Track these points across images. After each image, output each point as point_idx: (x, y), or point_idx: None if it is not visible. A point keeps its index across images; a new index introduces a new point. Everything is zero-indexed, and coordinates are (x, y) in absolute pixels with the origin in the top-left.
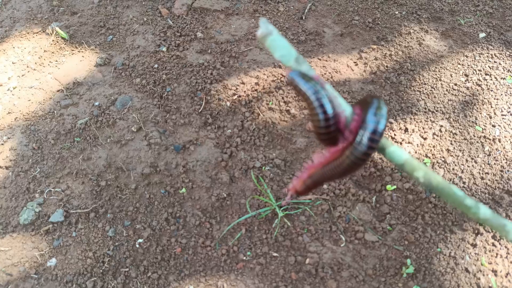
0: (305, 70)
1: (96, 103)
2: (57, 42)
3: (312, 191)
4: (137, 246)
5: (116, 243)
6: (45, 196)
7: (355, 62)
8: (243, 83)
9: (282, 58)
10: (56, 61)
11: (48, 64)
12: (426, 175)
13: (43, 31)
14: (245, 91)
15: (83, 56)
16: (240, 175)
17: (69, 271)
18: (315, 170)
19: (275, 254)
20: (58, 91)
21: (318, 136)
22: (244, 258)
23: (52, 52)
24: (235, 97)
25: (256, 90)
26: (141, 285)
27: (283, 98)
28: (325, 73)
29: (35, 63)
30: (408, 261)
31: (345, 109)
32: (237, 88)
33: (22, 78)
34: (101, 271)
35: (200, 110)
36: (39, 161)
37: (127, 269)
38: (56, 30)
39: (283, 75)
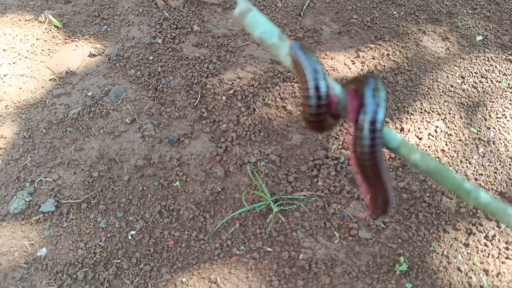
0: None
1: (89, 93)
2: (50, 30)
3: (383, 199)
4: (130, 238)
5: (108, 235)
6: (36, 185)
7: (352, 61)
8: (239, 78)
9: (263, 34)
10: (49, 49)
11: (41, 53)
12: (424, 157)
13: (36, 19)
14: (241, 86)
15: (76, 46)
16: (235, 169)
17: (59, 261)
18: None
19: (268, 249)
20: (50, 80)
21: (306, 118)
22: (238, 252)
23: (45, 41)
24: (231, 91)
25: (252, 85)
26: (133, 276)
27: (279, 94)
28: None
29: (27, 51)
30: (401, 258)
31: (336, 90)
32: (233, 83)
33: (13, 66)
34: (92, 262)
35: (195, 104)
36: (30, 150)
37: (119, 261)
38: (49, 18)
39: (280, 72)
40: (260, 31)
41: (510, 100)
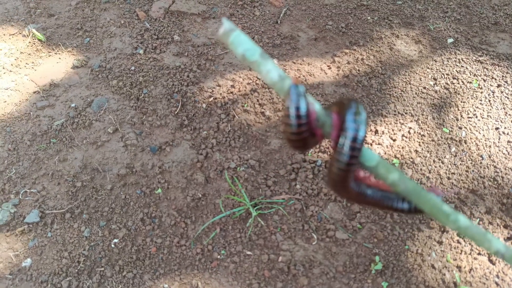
0: (272, 66)
1: (73, 105)
2: (34, 43)
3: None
4: (113, 246)
5: (92, 243)
6: (20, 197)
7: (328, 66)
8: (219, 85)
9: (246, 52)
10: (33, 62)
11: (25, 66)
12: (402, 177)
13: (20, 33)
14: (221, 94)
15: (60, 58)
16: (215, 175)
17: (44, 271)
18: None
19: (248, 253)
20: (34, 92)
21: (288, 137)
22: (219, 257)
23: (29, 54)
24: (211, 99)
25: (231, 92)
26: (116, 284)
27: (258, 100)
28: (299, 76)
29: (11, 64)
30: (377, 258)
31: (316, 108)
32: (213, 91)
33: None
34: (76, 270)
35: (176, 112)
36: (15, 162)
37: (102, 269)
38: (32, 32)
39: (258, 78)
40: (243, 49)
41: (481, 100)
